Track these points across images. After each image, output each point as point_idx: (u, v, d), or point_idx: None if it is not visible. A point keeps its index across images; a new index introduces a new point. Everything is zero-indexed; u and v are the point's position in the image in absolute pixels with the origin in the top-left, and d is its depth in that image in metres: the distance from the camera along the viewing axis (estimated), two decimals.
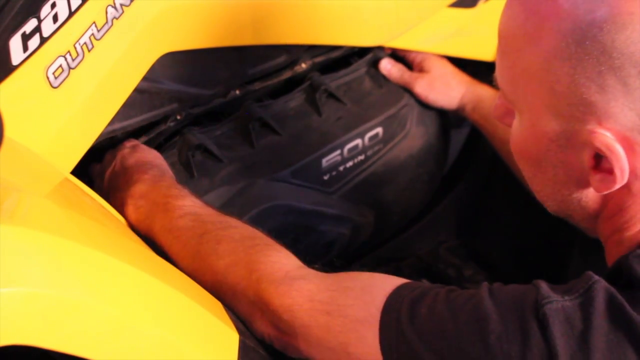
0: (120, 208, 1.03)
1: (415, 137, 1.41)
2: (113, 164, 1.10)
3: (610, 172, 0.76)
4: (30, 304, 0.66)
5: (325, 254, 1.36)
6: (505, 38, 0.81)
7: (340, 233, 1.35)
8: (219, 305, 0.90)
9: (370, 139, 1.34)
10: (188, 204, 1.00)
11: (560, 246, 1.43)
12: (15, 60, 0.86)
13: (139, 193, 1.02)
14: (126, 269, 0.76)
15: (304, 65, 1.33)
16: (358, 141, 1.33)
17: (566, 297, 0.72)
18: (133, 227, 1.02)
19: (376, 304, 0.81)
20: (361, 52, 1.40)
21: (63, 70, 0.91)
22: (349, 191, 1.34)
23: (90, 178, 1.14)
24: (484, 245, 1.64)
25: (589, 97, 0.74)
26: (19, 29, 0.85)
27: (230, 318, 0.89)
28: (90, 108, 0.98)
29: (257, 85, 1.28)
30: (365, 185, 1.36)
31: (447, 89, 1.40)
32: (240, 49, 1.19)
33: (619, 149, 0.74)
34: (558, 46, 0.75)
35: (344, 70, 1.37)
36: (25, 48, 0.86)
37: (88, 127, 1.00)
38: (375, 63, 1.40)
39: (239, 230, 0.97)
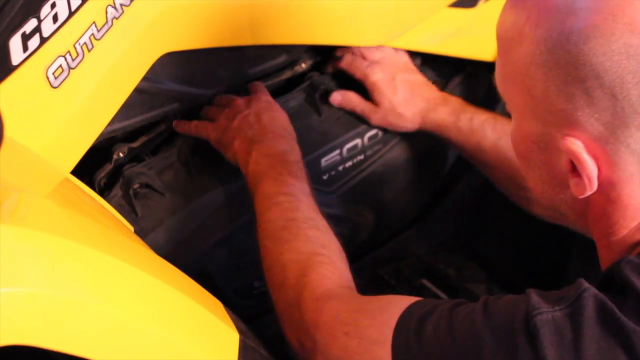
0: (240, 153, 1.10)
1: (415, 137, 1.41)
2: (247, 110, 1.14)
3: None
4: (30, 304, 0.66)
5: None
6: (498, 39, 0.83)
7: (339, 233, 1.34)
8: (219, 304, 0.90)
9: (370, 138, 1.34)
10: (297, 185, 1.05)
11: (559, 246, 1.43)
12: (15, 60, 0.86)
13: (266, 151, 1.08)
14: (126, 268, 0.76)
15: (304, 65, 1.33)
16: (357, 141, 1.33)
17: (556, 307, 0.73)
18: (244, 175, 1.09)
19: (390, 324, 0.83)
20: None
21: (63, 70, 0.91)
22: (348, 191, 1.34)
23: (90, 178, 1.14)
24: (484, 245, 1.64)
25: (558, 105, 0.76)
26: (19, 29, 0.85)
27: (231, 317, 0.89)
28: (90, 108, 0.98)
29: None
30: (365, 185, 1.36)
31: (401, 121, 1.31)
32: (240, 49, 1.19)
33: (586, 157, 0.75)
34: (534, 52, 0.77)
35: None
36: (25, 48, 0.86)
37: (88, 127, 1.00)
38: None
39: (318, 234, 1.01)
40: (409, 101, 1.30)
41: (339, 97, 1.30)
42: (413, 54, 1.40)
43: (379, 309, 0.87)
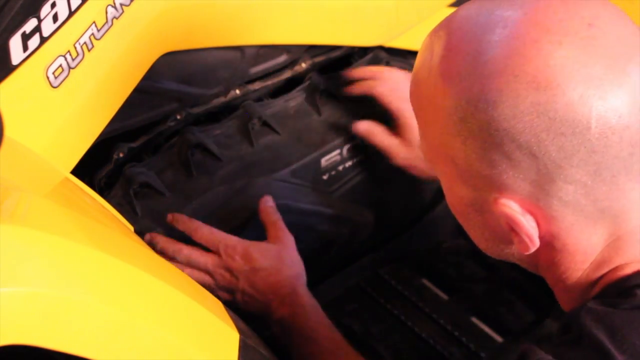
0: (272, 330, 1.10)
1: None
2: (235, 283, 1.11)
3: None
4: (30, 304, 0.66)
5: (324, 253, 1.36)
6: (414, 110, 0.81)
7: (339, 233, 1.35)
8: (219, 304, 0.90)
9: None
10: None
11: None
12: (15, 60, 0.86)
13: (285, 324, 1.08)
14: (126, 268, 0.76)
15: (304, 65, 1.33)
16: (358, 141, 1.33)
17: None
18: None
19: None
20: (361, 52, 1.40)
21: (63, 70, 0.91)
22: (348, 191, 1.34)
23: (90, 178, 1.14)
24: None
25: (482, 171, 0.75)
26: (19, 29, 0.85)
27: (231, 317, 0.89)
28: (90, 108, 0.98)
29: (257, 85, 1.28)
30: (365, 185, 1.36)
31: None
32: (240, 49, 1.19)
33: (521, 219, 0.74)
34: (446, 123, 0.75)
35: (345, 70, 1.37)
36: (25, 48, 0.86)
37: (88, 127, 1.00)
38: (375, 64, 1.40)
39: None
40: None
41: (363, 126, 1.27)
42: (413, 54, 1.40)
43: None
